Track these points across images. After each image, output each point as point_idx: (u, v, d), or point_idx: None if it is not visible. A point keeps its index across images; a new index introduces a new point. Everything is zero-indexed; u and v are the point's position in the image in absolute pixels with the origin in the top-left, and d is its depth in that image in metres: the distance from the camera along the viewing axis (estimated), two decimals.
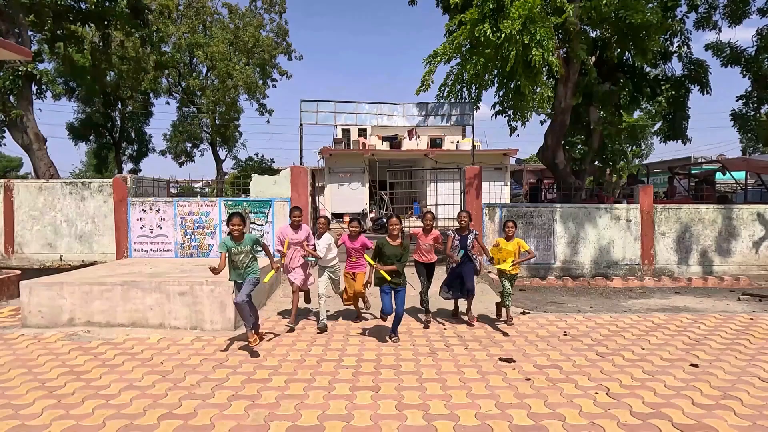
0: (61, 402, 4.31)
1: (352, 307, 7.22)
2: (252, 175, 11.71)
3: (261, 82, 30.81)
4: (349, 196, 28.03)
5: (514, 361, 5.41)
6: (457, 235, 7.06)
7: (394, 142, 30.12)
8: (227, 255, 5.69)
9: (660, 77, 15.22)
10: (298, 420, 3.98)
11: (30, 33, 15.26)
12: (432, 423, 3.92)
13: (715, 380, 4.82)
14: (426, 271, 7.03)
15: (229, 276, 5.82)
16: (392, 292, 6.21)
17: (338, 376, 4.95)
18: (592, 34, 13.46)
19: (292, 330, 6.64)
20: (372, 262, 6.28)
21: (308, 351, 5.80)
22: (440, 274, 7.45)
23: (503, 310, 7.16)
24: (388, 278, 6.06)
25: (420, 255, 6.98)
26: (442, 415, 4.06)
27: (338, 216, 27.50)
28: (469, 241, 7.07)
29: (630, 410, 4.14)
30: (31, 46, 15.38)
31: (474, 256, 7.09)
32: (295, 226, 6.82)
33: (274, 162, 33.87)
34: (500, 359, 5.43)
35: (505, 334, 6.45)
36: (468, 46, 11.18)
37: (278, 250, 6.88)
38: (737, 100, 15.47)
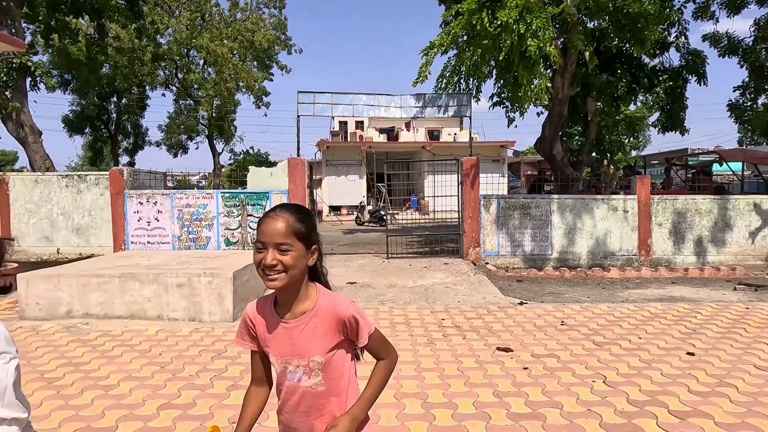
0: (60, 393, 4.32)
1: None
2: (249, 167, 11.69)
3: (263, 82, 30.63)
4: (346, 189, 28.02)
5: (512, 351, 5.44)
6: None
7: (391, 134, 30.08)
8: None
9: (658, 68, 15.18)
10: None
11: (24, 24, 15.14)
12: (430, 411, 3.95)
13: (711, 368, 4.85)
14: None
15: None
16: None
17: None
18: (590, 25, 13.41)
19: None
20: None
21: None
22: None
23: None
24: None
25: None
26: (440, 404, 4.09)
27: (336, 209, 27.49)
28: None
29: (627, 398, 4.18)
30: (25, 38, 15.26)
31: None
32: None
33: (269, 155, 33.79)
34: (498, 349, 5.46)
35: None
36: (465, 36, 11.13)
37: None
38: (734, 91, 15.45)
